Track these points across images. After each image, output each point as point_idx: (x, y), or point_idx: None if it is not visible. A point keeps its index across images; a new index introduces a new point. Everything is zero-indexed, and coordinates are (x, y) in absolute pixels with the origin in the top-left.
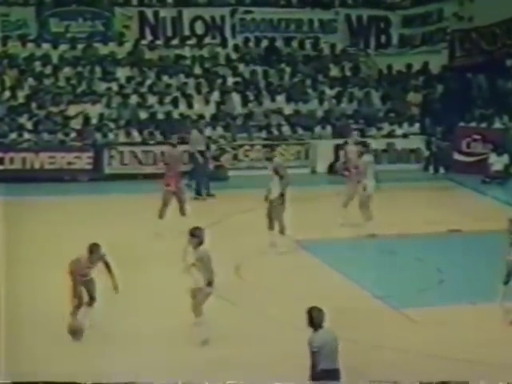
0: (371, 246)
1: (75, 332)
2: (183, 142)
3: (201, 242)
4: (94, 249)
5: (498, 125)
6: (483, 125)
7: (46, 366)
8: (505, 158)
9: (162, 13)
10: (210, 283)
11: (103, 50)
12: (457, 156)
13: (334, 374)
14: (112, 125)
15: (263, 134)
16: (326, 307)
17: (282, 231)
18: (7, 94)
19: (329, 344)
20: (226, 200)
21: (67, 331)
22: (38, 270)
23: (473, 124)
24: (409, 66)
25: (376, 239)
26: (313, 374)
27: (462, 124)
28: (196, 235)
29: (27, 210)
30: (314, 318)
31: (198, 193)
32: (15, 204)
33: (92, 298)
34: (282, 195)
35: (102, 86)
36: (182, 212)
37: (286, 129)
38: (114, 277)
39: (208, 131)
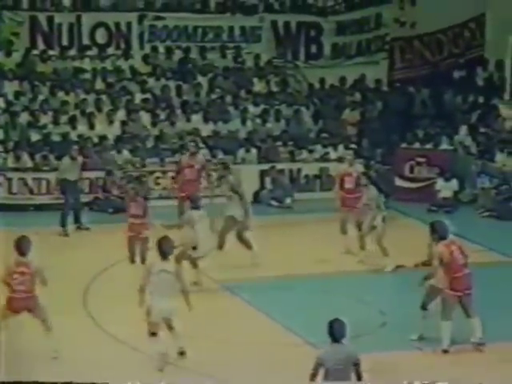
0: (302, 285)
1: None
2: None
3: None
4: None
5: (445, 146)
6: (428, 146)
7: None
8: (453, 184)
9: (58, 18)
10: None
11: None
12: (399, 182)
13: None
14: None
15: (177, 159)
16: (251, 354)
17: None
18: None
19: (334, 361)
20: None
21: None
22: None
23: (416, 145)
24: (343, 80)
25: (307, 278)
26: None
27: (404, 145)
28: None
29: None
30: (334, 330)
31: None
32: None
33: None
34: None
35: None
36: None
37: (203, 152)
38: None
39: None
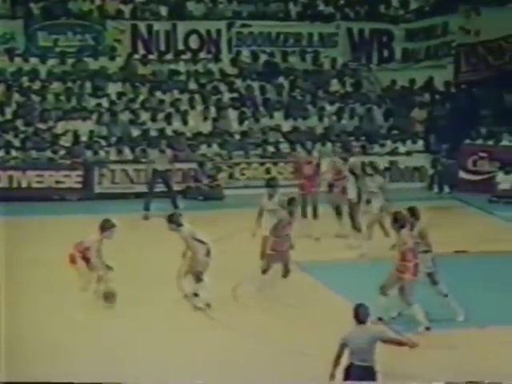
0: (375, 268)
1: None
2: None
3: (179, 225)
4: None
5: (505, 142)
6: (490, 142)
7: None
8: None
9: (156, 26)
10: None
11: (94, 64)
12: (462, 174)
13: (363, 370)
14: (103, 142)
15: (260, 152)
16: (331, 330)
17: (358, 229)
18: None
19: (358, 340)
20: (222, 220)
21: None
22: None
23: (479, 141)
24: (412, 82)
25: (380, 261)
26: (341, 367)
27: (468, 141)
28: (174, 221)
29: (12, 230)
30: (359, 314)
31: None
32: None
33: None
34: (358, 195)
35: (92, 102)
36: None
37: (284, 146)
38: None
39: (203, 149)
